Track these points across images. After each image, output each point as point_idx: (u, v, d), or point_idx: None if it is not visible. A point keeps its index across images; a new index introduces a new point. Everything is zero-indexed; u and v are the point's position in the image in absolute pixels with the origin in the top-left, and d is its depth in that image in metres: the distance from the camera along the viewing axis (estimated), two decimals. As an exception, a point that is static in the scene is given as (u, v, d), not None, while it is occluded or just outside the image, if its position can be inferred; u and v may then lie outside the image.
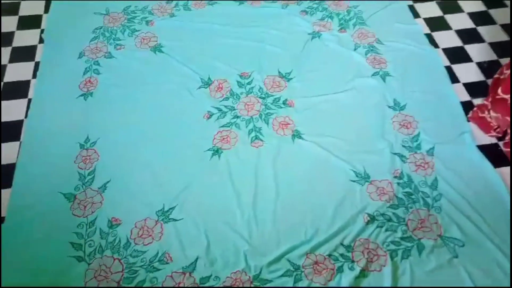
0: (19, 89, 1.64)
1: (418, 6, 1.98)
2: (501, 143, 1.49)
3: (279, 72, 1.72)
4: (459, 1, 1.99)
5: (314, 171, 1.42)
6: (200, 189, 1.38)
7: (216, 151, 1.47)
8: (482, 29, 1.86)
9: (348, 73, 1.70)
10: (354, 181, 1.40)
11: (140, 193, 1.36)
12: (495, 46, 1.79)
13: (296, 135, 1.52)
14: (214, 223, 1.31)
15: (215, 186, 1.38)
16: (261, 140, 1.51)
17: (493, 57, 1.76)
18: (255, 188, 1.38)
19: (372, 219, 1.31)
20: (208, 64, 1.73)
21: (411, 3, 1.99)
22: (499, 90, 1.43)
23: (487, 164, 1.42)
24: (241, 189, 1.38)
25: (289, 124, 1.55)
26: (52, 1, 1.97)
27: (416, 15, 1.94)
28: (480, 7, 1.96)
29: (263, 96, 1.64)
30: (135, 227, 1.30)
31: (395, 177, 1.41)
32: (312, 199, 1.36)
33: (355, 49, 1.79)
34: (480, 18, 1.91)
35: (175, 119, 1.56)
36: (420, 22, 1.91)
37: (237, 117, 1.58)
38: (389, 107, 1.60)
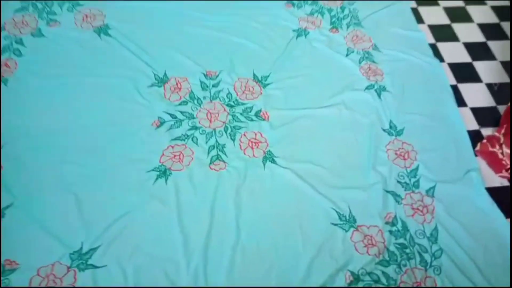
0: None
1: (423, 10, 1.70)
2: (513, 186, 1.24)
3: (254, 74, 1.39)
4: (468, 9, 1.72)
5: (287, 208, 1.12)
6: (135, 224, 1.04)
7: (163, 173, 1.13)
8: (493, 44, 1.60)
9: (337, 84, 1.40)
10: (336, 224, 1.10)
11: (52, 225, 1.01)
12: (507, 65, 1.54)
13: (269, 157, 1.20)
14: (149, 274, 0.98)
15: (155, 222, 1.05)
16: (224, 161, 1.18)
17: (505, 78, 1.50)
18: (209, 227, 1.06)
19: (356, 279, 1.02)
20: (165, 56, 1.38)
21: (414, 5, 1.71)
22: (517, 123, 1.17)
23: (497, 213, 1.16)
24: (191, 228, 1.05)
25: (260, 142, 1.24)
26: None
27: (419, 20, 1.66)
28: (492, 18, 1.70)
29: (232, 103, 1.31)
30: (37, 274, 0.95)
31: (387, 223, 1.12)
32: (282, 246, 1.05)
33: (347, 55, 1.48)
34: (492, 31, 1.65)
35: (114, 125, 1.20)
36: (424, 29, 1.63)
37: (196, 128, 1.24)
38: (384, 130, 1.31)
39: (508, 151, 1.24)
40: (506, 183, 1.24)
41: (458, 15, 1.70)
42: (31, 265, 0.95)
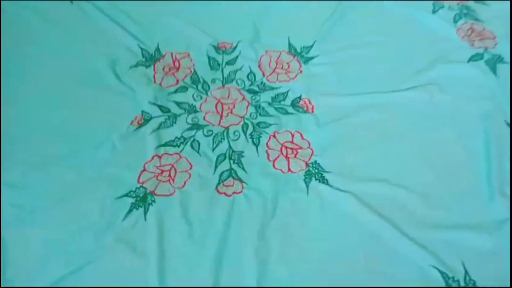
0: None
1: None
2: None
3: (290, 45, 0.92)
4: None
5: (348, 263, 0.63)
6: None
7: (142, 200, 0.69)
8: None
9: (423, 55, 0.89)
10: (441, 296, 0.60)
11: None
12: None
13: (315, 173, 0.73)
14: None
15: (123, 282, 0.61)
16: (241, 180, 0.72)
17: None
18: (210, 300, 0.60)
19: None
20: (159, 24, 0.95)
21: None
22: None
23: None
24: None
25: (300, 149, 0.76)
26: None
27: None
28: None
29: (255, 88, 0.85)
30: None
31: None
32: None
33: (434, 11, 0.97)
34: None
35: (74, 124, 0.78)
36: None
37: (199, 127, 0.79)
38: (508, 124, 0.79)
39: None
40: None
41: None
42: None
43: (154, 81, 0.85)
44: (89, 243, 0.65)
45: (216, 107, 0.82)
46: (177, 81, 0.86)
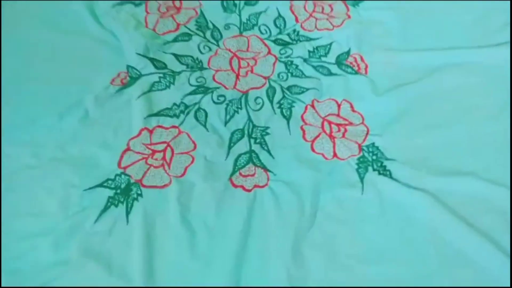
0: None
1: None
2: None
3: (333, -21, 0.68)
4: None
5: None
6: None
7: (123, 193, 0.48)
8: None
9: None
10: None
11: None
12: None
13: (372, 162, 0.51)
14: None
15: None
16: (265, 168, 0.50)
17: None
18: None
19: None
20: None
21: None
22: None
23: None
24: None
25: (350, 125, 0.54)
26: None
27: None
28: None
29: (285, 38, 0.62)
30: None
31: None
32: None
33: None
34: None
35: (33, 82, 0.56)
36: None
37: (205, 91, 0.57)
38: None
39: None
40: None
41: None
42: None
43: (146, 25, 0.62)
44: (45, 256, 0.44)
45: (230, 63, 0.59)
46: (177, 26, 0.62)
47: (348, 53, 0.60)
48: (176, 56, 0.59)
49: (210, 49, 0.60)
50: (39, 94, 0.55)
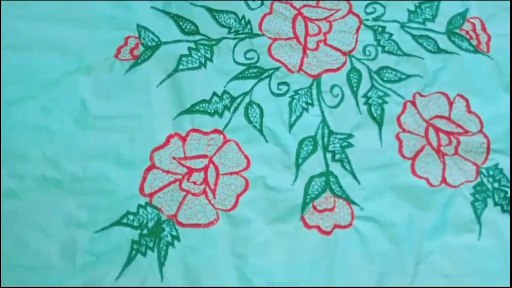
0: None
1: None
2: None
3: None
4: None
5: None
6: None
7: (155, 232, 0.34)
8: None
9: None
10: None
11: None
12: None
13: (494, 191, 0.37)
14: None
15: None
16: (348, 199, 0.36)
17: None
18: None
19: None
20: None
21: None
22: None
23: None
24: None
25: (466, 134, 0.38)
26: None
27: None
28: None
29: (372, -13, 0.42)
30: None
31: None
32: None
33: None
34: None
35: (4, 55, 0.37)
36: None
37: (260, 73, 0.38)
38: None
39: None
40: None
41: None
42: None
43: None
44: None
45: (293, 26, 0.40)
46: (211, -41, 0.41)
47: (463, 15, 0.41)
48: (212, 12, 0.39)
49: (262, 2, 0.40)
50: (10, 72, 0.36)
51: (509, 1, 0.42)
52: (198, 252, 0.34)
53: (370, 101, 0.38)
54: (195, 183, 0.35)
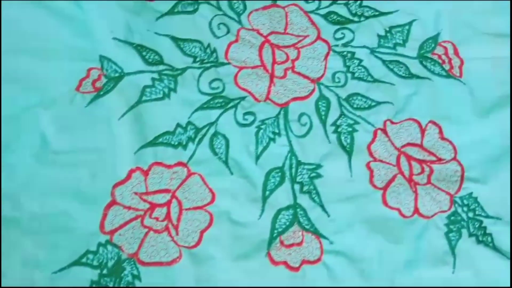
0: None
1: None
2: None
3: None
4: None
5: None
6: None
7: (115, 272, 0.32)
8: None
9: None
10: None
11: None
12: None
13: (469, 221, 0.35)
14: None
15: None
16: (317, 233, 0.34)
17: None
18: None
19: None
20: None
21: None
22: None
23: None
24: None
25: (439, 162, 0.37)
26: None
27: None
28: None
29: (345, 12, 0.41)
30: None
31: None
32: None
33: None
34: None
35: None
36: None
37: (225, 102, 0.37)
38: None
39: None
40: None
41: None
42: None
43: (124, -14, 0.40)
44: None
45: (260, 53, 0.39)
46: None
47: (435, 39, 0.40)
48: (177, 41, 0.38)
49: (228, 30, 0.39)
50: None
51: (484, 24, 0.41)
52: (160, 293, 0.33)
53: (339, 129, 0.37)
54: (157, 219, 0.34)
